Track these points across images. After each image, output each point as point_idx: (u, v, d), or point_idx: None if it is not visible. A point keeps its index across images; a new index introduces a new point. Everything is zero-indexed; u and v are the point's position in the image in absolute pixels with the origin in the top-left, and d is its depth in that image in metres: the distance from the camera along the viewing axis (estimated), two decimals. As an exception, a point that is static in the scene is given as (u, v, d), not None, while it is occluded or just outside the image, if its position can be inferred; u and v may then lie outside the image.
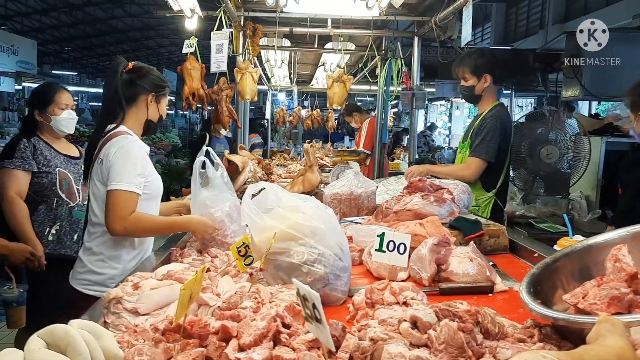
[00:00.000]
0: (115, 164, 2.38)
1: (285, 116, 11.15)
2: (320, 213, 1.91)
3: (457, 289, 1.97)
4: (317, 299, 1.02)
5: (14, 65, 13.02)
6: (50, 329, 0.92)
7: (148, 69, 2.64)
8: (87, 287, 2.48)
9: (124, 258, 2.51)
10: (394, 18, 4.77)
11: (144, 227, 2.44)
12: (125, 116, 2.56)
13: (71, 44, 26.50)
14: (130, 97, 2.56)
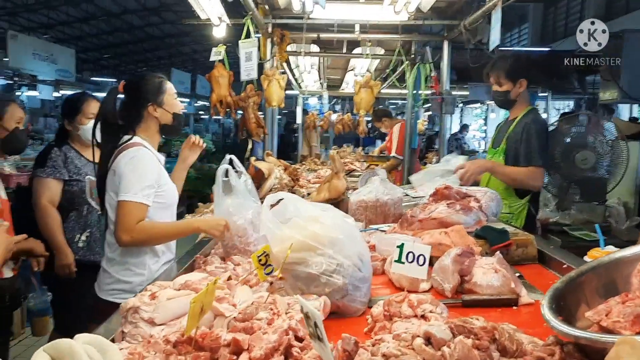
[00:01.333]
0: (124, 174, 2.41)
1: (315, 121, 11.16)
2: (340, 223, 1.89)
3: (481, 301, 1.92)
4: (319, 317, 1.00)
5: (53, 74, 13.44)
6: (55, 344, 0.93)
7: (136, 82, 2.63)
8: (117, 297, 2.47)
9: (148, 263, 2.54)
10: (422, 22, 4.71)
11: (151, 235, 2.46)
12: (135, 130, 2.59)
13: (110, 51, 27.19)
14: (134, 117, 2.59)
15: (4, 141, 2.81)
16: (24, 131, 2.91)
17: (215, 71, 3.96)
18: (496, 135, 3.97)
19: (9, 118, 2.81)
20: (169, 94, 2.64)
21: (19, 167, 6.57)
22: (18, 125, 2.85)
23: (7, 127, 2.80)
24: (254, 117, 4.07)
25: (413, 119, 6.37)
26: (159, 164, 2.58)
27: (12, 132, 2.82)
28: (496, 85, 3.67)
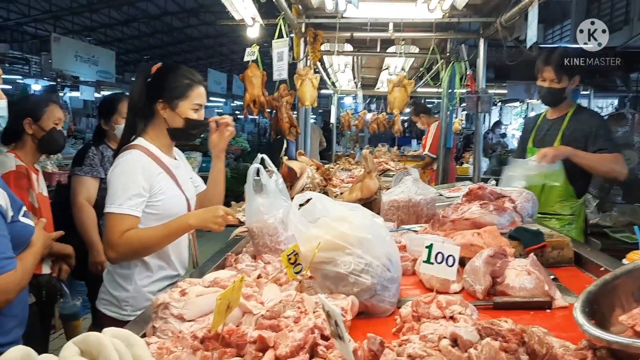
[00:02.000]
0: (111, 183, 2.24)
1: (350, 120, 11.13)
2: (369, 223, 1.88)
3: (513, 303, 1.89)
4: (339, 316, 1.00)
5: (94, 75, 13.84)
6: (84, 337, 0.96)
7: (162, 73, 2.38)
8: (105, 308, 2.37)
9: (135, 279, 2.32)
10: (457, 20, 4.65)
11: (139, 245, 2.20)
12: (146, 127, 2.40)
13: (150, 52, 27.74)
14: (145, 107, 2.38)
15: (41, 141, 2.89)
16: (61, 132, 2.98)
17: (248, 71, 4.00)
18: (535, 134, 3.80)
19: (46, 119, 2.89)
20: (189, 100, 2.38)
21: (61, 165, 6.79)
22: (55, 126, 2.93)
23: (44, 128, 2.88)
24: (286, 117, 4.09)
25: (448, 118, 6.30)
26: (159, 169, 2.33)
27: (49, 132, 2.90)
28: (550, 81, 3.53)
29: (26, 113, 2.82)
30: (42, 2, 18.17)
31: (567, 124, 3.58)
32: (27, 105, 2.91)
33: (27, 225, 1.80)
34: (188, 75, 2.37)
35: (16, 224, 1.74)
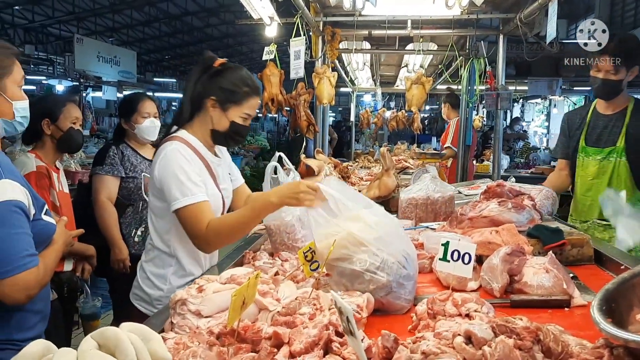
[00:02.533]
0: (164, 181, 2.13)
1: (369, 118, 11.11)
2: (385, 220, 1.89)
3: (530, 301, 1.87)
4: (350, 312, 1.01)
5: (116, 75, 14.06)
6: (102, 331, 0.98)
7: (224, 70, 2.29)
8: (137, 303, 2.35)
9: (169, 278, 2.28)
10: (476, 16, 4.61)
11: (228, 232, 2.12)
12: (192, 120, 2.30)
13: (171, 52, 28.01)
14: (196, 99, 2.27)
15: (59, 141, 2.94)
16: (78, 131, 3.02)
17: (266, 70, 4.02)
18: (587, 131, 3.43)
19: (63, 119, 2.93)
20: (239, 106, 2.28)
21: (84, 164, 6.89)
22: (73, 125, 2.97)
23: (62, 128, 2.93)
24: (304, 115, 4.11)
25: (468, 115, 6.26)
26: (200, 163, 2.25)
27: (67, 132, 2.94)
28: (606, 72, 3.19)
29: (44, 114, 2.87)
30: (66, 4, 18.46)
31: (630, 119, 3.25)
32: (45, 105, 2.96)
33: (48, 223, 1.84)
34: (249, 82, 2.30)
35: (38, 222, 1.78)
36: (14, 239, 1.63)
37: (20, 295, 1.64)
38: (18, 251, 1.62)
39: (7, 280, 1.59)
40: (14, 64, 1.80)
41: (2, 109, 1.77)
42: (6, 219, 1.62)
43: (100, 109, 19.94)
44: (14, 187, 1.67)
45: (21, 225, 1.66)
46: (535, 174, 8.51)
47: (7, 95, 1.77)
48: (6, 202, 1.63)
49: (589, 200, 3.33)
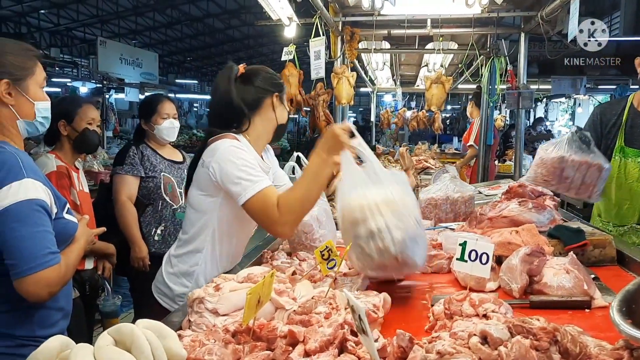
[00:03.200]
0: (225, 173, 2.06)
1: (389, 118, 11.07)
2: (399, 186, 1.94)
3: (550, 302, 1.85)
4: (362, 310, 1.01)
5: (138, 77, 14.22)
6: (118, 327, 1.00)
7: (260, 68, 2.31)
8: (160, 298, 2.33)
9: (198, 277, 2.24)
10: (496, 15, 4.57)
11: (300, 205, 2.02)
12: (252, 125, 2.24)
13: (192, 54, 28.30)
14: (253, 102, 2.24)
15: (75, 142, 2.97)
16: (94, 132, 3.04)
17: (285, 70, 4.04)
18: (624, 130, 3.17)
19: (79, 120, 2.96)
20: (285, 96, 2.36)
21: (107, 165, 7.01)
22: (88, 127, 2.99)
23: (77, 129, 2.96)
24: (323, 115, 4.11)
25: (489, 115, 6.20)
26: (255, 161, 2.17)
27: (82, 133, 2.97)
28: None
29: (60, 115, 2.91)
30: (90, 7, 18.79)
31: None
32: (62, 107, 2.99)
33: (70, 222, 1.88)
34: (277, 75, 2.37)
35: (60, 221, 1.81)
36: (36, 237, 1.66)
37: (43, 292, 1.67)
38: (40, 249, 1.65)
39: (30, 277, 1.63)
40: (36, 66, 1.83)
41: (24, 110, 1.80)
42: (29, 217, 1.66)
43: (123, 111, 20.20)
44: (36, 186, 1.70)
45: (43, 223, 1.69)
46: (559, 174, 8.36)
47: (30, 96, 1.80)
48: (29, 200, 1.66)
49: (627, 203, 3.14)
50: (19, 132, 1.83)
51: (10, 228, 1.64)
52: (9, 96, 1.76)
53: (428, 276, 2.32)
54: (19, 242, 1.63)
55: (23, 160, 1.73)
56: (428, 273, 2.34)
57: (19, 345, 1.74)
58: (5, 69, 1.74)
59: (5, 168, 1.67)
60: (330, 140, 1.97)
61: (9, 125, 1.79)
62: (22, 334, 1.76)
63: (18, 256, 1.63)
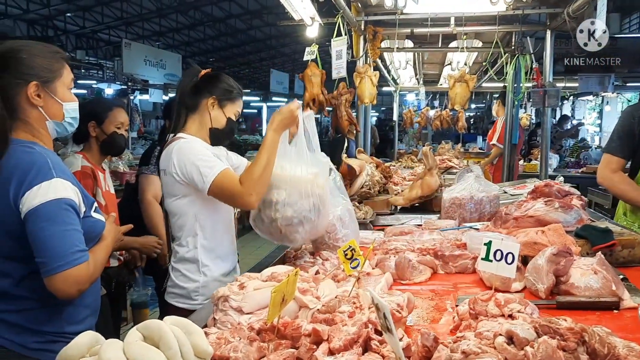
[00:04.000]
0: (187, 169, 2.24)
1: (412, 117, 11.00)
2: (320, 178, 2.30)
3: (577, 303, 1.82)
4: (387, 309, 1.01)
5: (162, 78, 14.35)
6: (147, 324, 1.01)
7: (216, 75, 2.50)
8: (175, 300, 2.41)
9: (202, 270, 2.37)
10: (521, 12, 4.50)
11: (259, 175, 2.18)
12: (186, 123, 2.44)
13: (215, 55, 28.46)
14: (192, 103, 2.44)
15: (103, 144, 3.00)
16: (122, 135, 3.06)
17: (308, 70, 4.04)
18: None
19: (108, 123, 2.99)
20: (234, 103, 2.51)
21: (132, 165, 7.11)
22: (117, 130, 3.01)
23: (106, 131, 2.99)
24: (346, 115, 4.10)
25: (514, 113, 6.12)
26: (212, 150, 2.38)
27: (110, 135, 2.99)
28: None
29: (91, 116, 2.95)
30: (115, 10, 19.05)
31: None
32: (93, 108, 3.03)
33: (98, 220, 1.91)
34: (237, 84, 2.54)
35: (88, 219, 1.84)
36: (65, 236, 1.69)
37: (72, 289, 1.70)
38: (69, 247, 1.69)
39: (59, 275, 1.66)
40: (64, 67, 1.87)
41: (53, 111, 1.84)
42: (58, 216, 1.69)
43: (147, 112, 20.44)
44: (65, 186, 1.74)
45: (72, 222, 1.72)
46: (586, 174, 8.23)
47: (58, 97, 1.84)
48: (58, 199, 1.70)
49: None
50: (48, 133, 1.87)
51: (40, 227, 1.67)
52: (38, 98, 1.80)
53: (452, 276, 2.31)
54: (49, 241, 1.67)
55: (52, 160, 1.76)
56: (452, 273, 2.33)
57: (48, 341, 1.78)
58: (34, 71, 1.78)
59: (35, 168, 1.71)
60: (286, 115, 2.25)
61: (38, 126, 1.83)
62: (52, 330, 1.80)
63: (48, 254, 1.67)
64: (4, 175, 1.70)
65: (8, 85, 1.75)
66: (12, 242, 1.73)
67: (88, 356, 1.00)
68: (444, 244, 2.54)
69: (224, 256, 2.44)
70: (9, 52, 1.77)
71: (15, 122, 1.79)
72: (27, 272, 1.75)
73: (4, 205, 1.70)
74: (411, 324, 1.72)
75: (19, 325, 1.77)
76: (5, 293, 1.77)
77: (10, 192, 1.68)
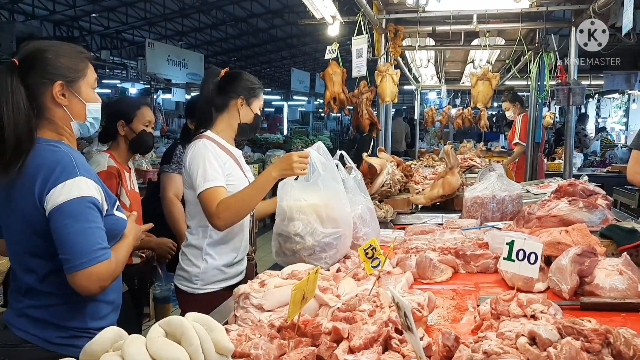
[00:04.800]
0: (192, 169, 2.44)
1: (434, 115, 10.91)
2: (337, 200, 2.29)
3: (602, 304, 1.79)
4: (408, 308, 1.00)
5: (185, 77, 14.46)
6: (169, 320, 1.03)
7: (237, 74, 2.65)
8: (179, 282, 2.58)
9: (205, 258, 2.54)
10: (545, 9, 4.43)
11: (237, 206, 2.36)
12: (216, 121, 2.62)
13: (237, 54, 28.60)
14: (220, 103, 2.60)
15: (131, 142, 3.04)
16: (150, 134, 3.10)
17: (329, 69, 4.04)
18: None
19: (136, 121, 3.02)
20: (258, 98, 2.67)
21: (155, 164, 7.18)
22: (145, 128, 3.05)
23: (134, 130, 3.02)
24: (366, 113, 4.09)
25: (538, 112, 6.03)
26: (226, 155, 2.54)
27: (139, 134, 3.03)
28: None
29: (120, 115, 3.00)
30: (139, 10, 19.29)
31: None
32: (121, 107, 3.08)
33: (120, 218, 1.93)
34: (256, 80, 2.69)
35: (111, 217, 1.87)
36: (88, 233, 1.71)
37: (94, 286, 1.72)
38: (92, 244, 1.71)
39: (82, 271, 1.69)
40: (88, 67, 1.89)
41: (77, 110, 1.86)
42: (81, 213, 1.71)
43: (170, 111, 20.63)
44: (88, 184, 1.76)
45: (94, 220, 1.75)
46: (612, 173, 8.08)
47: (82, 97, 1.86)
48: (81, 198, 1.72)
49: None
50: (72, 132, 1.90)
51: (64, 224, 1.70)
52: (63, 97, 1.82)
53: (474, 276, 2.29)
54: (72, 238, 1.69)
55: (76, 159, 1.79)
56: (474, 273, 2.31)
57: (72, 337, 1.81)
58: (60, 71, 1.80)
59: (60, 166, 1.74)
60: (285, 165, 2.31)
61: (63, 125, 1.86)
62: (75, 325, 1.83)
63: (71, 251, 1.69)
64: (30, 173, 1.73)
65: (34, 84, 1.78)
66: (37, 239, 1.76)
67: (111, 351, 1.01)
68: (466, 243, 2.52)
69: (231, 249, 2.58)
70: (35, 52, 1.80)
71: (41, 121, 1.82)
72: (52, 268, 1.78)
73: (30, 203, 1.73)
74: (432, 324, 1.71)
75: (44, 321, 1.81)
76: (31, 289, 1.81)
77: (35, 189, 1.72)
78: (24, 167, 1.73)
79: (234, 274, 2.60)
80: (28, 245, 1.80)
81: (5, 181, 1.77)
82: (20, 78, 1.76)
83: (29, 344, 1.81)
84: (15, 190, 1.76)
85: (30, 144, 1.76)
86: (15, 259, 1.87)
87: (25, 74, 1.77)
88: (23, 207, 1.76)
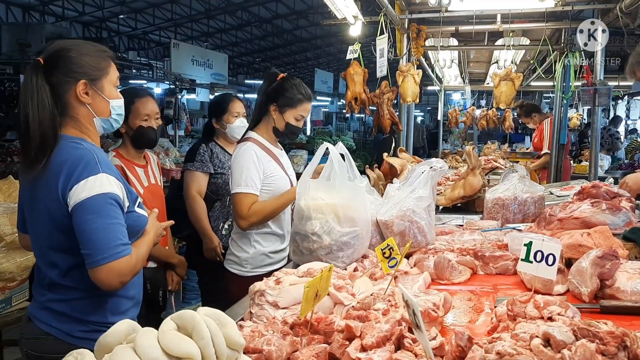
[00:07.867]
0: (233, 170, 2.78)
1: (457, 116, 10.82)
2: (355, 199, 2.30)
3: (623, 308, 1.76)
4: (416, 306, 1.00)
5: (209, 78, 14.61)
6: (180, 314, 1.04)
7: (284, 81, 2.84)
8: (230, 267, 2.92)
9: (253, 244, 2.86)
10: (571, 8, 4.36)
11: (264, 213, 2.75)
12: (260, 122, 2.90)
13: (261, 55, 28.81)
14: (264, 107, 2.87)
15: (132, 139, 2.97)
16: (149, 128, 2.97)
17: (350, 69, 4.04)
18: None
19: (132, 118, 2.92)
20: (295, 109, 2.84)
21: (178, 162, 7.28)
22: (142, 124, 2.94)
23: (132, 126, 2.92)
24: (387, 114, 4.08)
25: (563, 113, 5.94)
26: (268, 157, 2.82)
27: (137, 130, 2.93)
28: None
29: None
30: (165, 12, 19.57)
31: None
32: None
33: (141, 215, 1.97)
34: (302, 90, 2.87)
35: (132, 214, 1.90)
36: (109, 229, 1.75)
37: (114, 281, 1.76)
38: (113, 240, 1.75)
39: (103, 267, 1.72)
40: (110, 66, 1.94)
41: (100, 108, 1.91)
42: (103, 209, 1.75)
43: (195, 111, 20.80)
44: (110, 181, 1.80)
45: (116, 216, 1.78)
46: (640, 176, 7.89)
47: (105, 94, 1.91)
48: (103, 194, 1.76)
49: None
50: (95, 130, 1.94)
51: (86, 220, 1.74)
52: (86, 95, 1.86)
53: (493, 277, 2.26)
54: (94, 234, 1.73)
55: (99, 156, 1.83)
56: (493, 274, 2.29)
57: (93, 331, 1.85)
58: (83, 69, 1.85)
59: (83, 163, 1.78)
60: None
61: (86, 123, 1.90)
62: (96, 319, 1.87)
63: (92, 246, 1.73)
64: (54, 169, 1.77)
65: (58, 83, 1.83)
66: (60, 234, 1.81)
67: (125, 343, 1.03)
68: (485, 244, 2.50)
69: (276, 236, 2.90)
70: (59, 51, 1.84)
71: (65, 119, 1.86)
72: (74, 263, 1.82)
73: (53, 199, 1.77)
74: (448, 324, 1.70)
75: (66, 315, 1.85)
76: (54, 283, 1.86)
77: (59, 186, 1.76)
78: (48, 164, 1.78)
79: (279, 259, 2.92)
80: (51, 240, 1.84)
81: (30, 178, 1.82)
82: (45, 77, 1.81)
83: (51, 337, 1.85)
84: (40, 186, 1.81)
85: (55, 142, 1.80)
86: (39, 253, 1.92)
87: (50, 72, 1.82)
88: (47, 203, 1.80)
